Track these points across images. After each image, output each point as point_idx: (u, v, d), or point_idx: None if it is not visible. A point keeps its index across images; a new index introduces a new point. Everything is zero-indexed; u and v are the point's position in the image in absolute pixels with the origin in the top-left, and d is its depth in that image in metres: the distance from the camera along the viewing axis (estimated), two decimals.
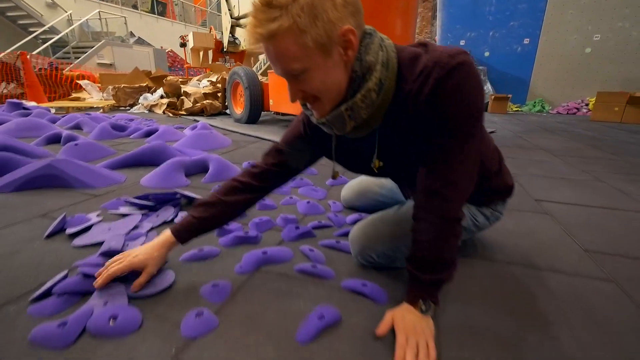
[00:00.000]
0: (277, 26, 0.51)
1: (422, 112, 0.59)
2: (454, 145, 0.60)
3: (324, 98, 0.60)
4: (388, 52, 0.60)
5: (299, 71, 0.56)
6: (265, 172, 0.80)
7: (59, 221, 1.04)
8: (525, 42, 6.72)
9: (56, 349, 0.59)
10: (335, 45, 0.55)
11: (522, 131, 3.83)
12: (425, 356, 0.58)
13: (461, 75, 0.56)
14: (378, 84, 0.59)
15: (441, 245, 0.64)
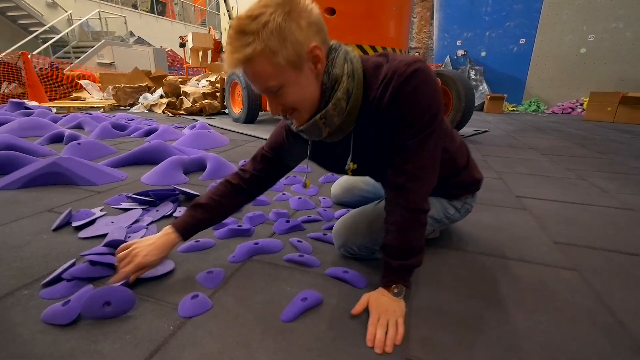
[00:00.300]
0: (252, 50, 0.58)
1: (385, 116, 0.67)
2: (415, 144, 0.68)
3: (301, 108, 0.67)
4: (353, 63, 0.67)
5: (276, 88, 0.62)
6: (253, 178, 0.87)
7: (65, 215, 1.12)
8: (521, 42, 6.79)
9: (62, 324, 0.67)
10: (305, 61, 0.62)
11: (515, 130, 3.91)
12: (394, 333, 0.66)
13: (417, 82, 0.63)
14: (346, 93, 0.66)
15: (409, 234, 0.71)
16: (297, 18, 0.59)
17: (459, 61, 7.41)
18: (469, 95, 2.95)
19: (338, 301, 0.77)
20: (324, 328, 0.69)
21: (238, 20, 0.59)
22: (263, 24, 0.57)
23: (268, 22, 0.57)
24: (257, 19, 0.57)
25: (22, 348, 0.62)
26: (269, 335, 0.66)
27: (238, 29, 0.59)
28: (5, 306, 0.73)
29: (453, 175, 0.87)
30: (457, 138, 0.88)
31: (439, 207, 0.92)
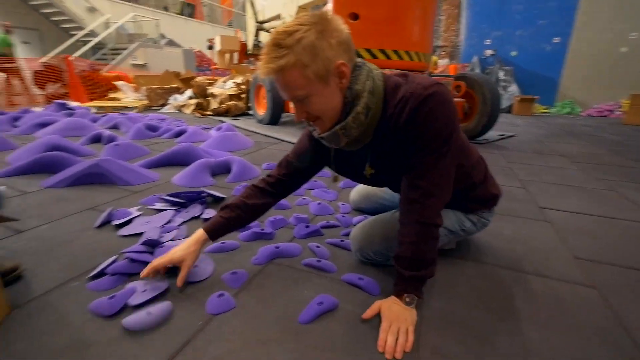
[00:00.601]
0: (285, 62, 0.65)
1: (401, 133, 0.72)
2: (429, 162, 0.72)
3: (324, 118, 0.73)
4: (375, 81, 0.72)
5: (303, 97, 0.69)
6: (278, 182, 0.94)
7: (106, 214, 1.23)
8: (555, 41, 6.49)
9: (105, 315, 0.75)
10: (332, 76, 0.68)
11: (545, 135, 3.76)
12: (404, 340, 0.69)
13: (432, 104, 0.68)
14: (365, 108, 0.71)
15: (422, 247, 0.75)
16: (329, 37, 0.66)
17: (487, 61, 7.18)
18: (494, 98, 2.89)
19: (353, 307, 0.81)
20: (338, 332, 0.74)
21: (275, 35, 0.66)
22: (297, 39, 0.64)
23: (302, 39, 0.64)
24: (292, 35, 0.64)
25: (74, 334, 0.71)
26: (287, 336, 0.72)
27: (275, 42, 0.65)
28: (58, 296, 0.83)
29: (469, 189, 0.90)
30: (474, 154, 0.90)
31: (455, 219, 0.94)
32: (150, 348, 0.67)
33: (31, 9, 9.19)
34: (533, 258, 1.07)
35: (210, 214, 1.32)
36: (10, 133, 3.01)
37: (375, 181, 0.90)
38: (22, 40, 9.44)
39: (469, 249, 1.11)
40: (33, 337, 0.70)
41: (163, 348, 0.68)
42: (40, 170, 1.80)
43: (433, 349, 0.69)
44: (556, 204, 1.56)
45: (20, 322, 0.74)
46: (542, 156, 2.65)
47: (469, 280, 0.94)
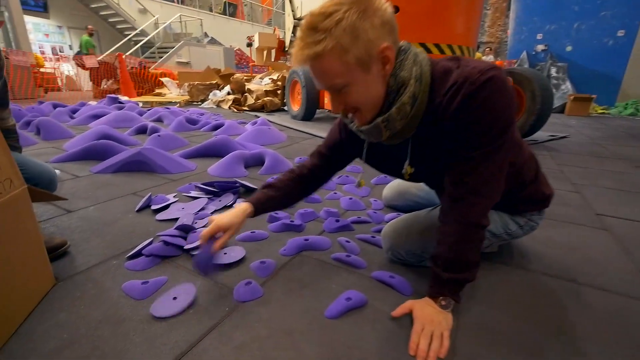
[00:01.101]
0: (322, 47, 0.58)
1: (450, 124, 0.64)
2: (480, 156, 0.64)
3: (364, 109, 0.67)
4: (422, 66, 0.64)
5: (341, 86, 0.62)
6: (310, 171, 0.91)
7: (146, 199, 1.29)
8: (619, 35, 5.85)
9: (137, 299, 0.78)
10: (375, 61, 0.61)
11: (603, 137, 3.41)
12: (438, 345, 0.64)
13: (490, 91, 0.59)
14: (412, 97, 0.64)
15: (464, 248, 0.68)
16: (372, 17, 0.58)
17: (537, 57, 6.66)
18: (546, 96, 2.66)
19: (382, 305, 0.77)
20: (366, 329, 0.70)
21: (311, 17, 0.59)
22: (336, 21, 0.57)
23: (342, 20, 0.57)
24: (330, 16, 0.57)
25: (110, 309, 0.74)
26: (313, 329, 0.70)
27: (310, 25, 0.59)
28: (99, 272, 0.88)
29: (518, 189, 0.80)
30: (525, 149, 0.81)
31: (499, 221, 0.86)
32: (178, 329, 0.68)
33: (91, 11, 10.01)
34: (589, 269, 0.96)
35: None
36: (69, 123, 3.28)
37: (414, 178, 0.83)
38: None
39: (513, 254, 1.02)
40: (73, 309, 0.74)
41: (190, 330, 0.68)
42: (91, 157, 1.94)
43: (470, 358, 0.63)
44: (616, 212, 1.39)
45: (64, 294, 0.79)
46: (599, 159, 2.40)
47: (513, 287, 0.86)
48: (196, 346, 0.64)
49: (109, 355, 0.62)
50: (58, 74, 7.94)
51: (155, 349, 0.63)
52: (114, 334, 0.67)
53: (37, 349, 0.63)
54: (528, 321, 0.74)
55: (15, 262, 0.69)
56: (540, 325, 0.73)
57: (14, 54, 5.76)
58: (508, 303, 0.80)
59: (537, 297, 0.83)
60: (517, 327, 0.72)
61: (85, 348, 0.63)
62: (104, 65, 6.55)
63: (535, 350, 0.66)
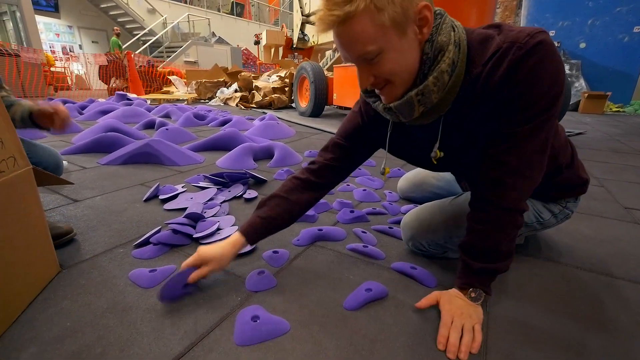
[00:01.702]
0: (354, 7, 0.50)
1: (493, 96, 0.56)
2: (524, 132, 0.57)
3: (397, 81, 0.58)
4: (459, 32, 0.57)
5: (374, 54, 0.54)
6: (324, 168, 0.78)
7: (154, 189, 1.26)
8: (635, 31, 5.69)
9: (144, 287, 0.73)
10: (411, 23, 0.53)
11: (621, 134, 3.30)
12: (470, 339, 0.59)
13: (540, 56, 0.52)
14: (451, 65, 0.56)
15: (498, 235, 0.62)
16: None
17: None
18: None
19: (405, 297, 0.72)
20: (388, 322, 0.65)
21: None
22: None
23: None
24: None
25: (116, 297, 0.70)
26: (331, 320, 0.65)
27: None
28: (106, 259, 0.84)
29: (555, 173, 0.73)
30: (562, 132, 0.74)
31: (532, 209, 0.79)
32: (187, 319, 0.64)
33: (101, 11, 10.12)
34: (623, 262, 0.89)
35: (251, 194, 1.29)
36: (78, 119, 3.29)
37: (442, 167, 0.74)
38: (92, 40, 10.45)
39: (541, 247, 0.95)
40: (78, 296, 0.70)
41: (200, 321, 0.64)
42: (99, 150, 1.92)
43: (505, 354, 0.58)
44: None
45: (68, 282, 0.75)
46: (621, 155, 2.30)
47: (544, 280, 0.80)
48: (207, 337, 0.60)
49: (115, 344, 0.58)
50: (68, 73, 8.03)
51: (163, 339, 0.59)
52: (120, 323, 0.63)
53: (38, 337, 0.59)
54: (563, 316, 0.68)
55: (18, 246, 0.65)
56: (577, 320, 0.67)
57: (25, 52, 5.83)
58: (540, 297, 0.74)
59: (570, 290, 0.77)
60: (552, 322, 0.66)
61: (89, 337, 0.59)
62: (113, 63, 6.59)
63: (575, 347, 0.60)
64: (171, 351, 0.56)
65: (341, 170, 0.80)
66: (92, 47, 10.31)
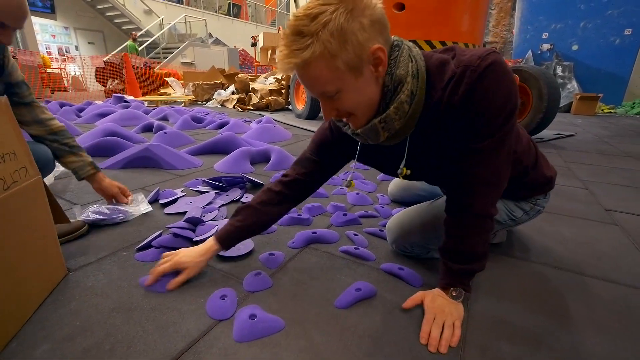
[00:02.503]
0: (310, 54, 0.53)
1: (455, 117, 0.61)
2: (488, 146, 0.62)
3: (358, 113, 0.62)
4: (417, 61, 0.61)
5: (333, 92, 0.58)
6: (295, 181, 0.82)
7: (154, 193, 1.30)
8: (626, 33, 5.80)
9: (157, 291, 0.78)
10: (366, 64, 0.56)
11: (610, 136, 3.38)
12: (450, 334, 0.64)
13: (493, 76, 0.57)
14: (410, 95, 0.60)
15: (473, 239, 0.68)
16: (360, 16, 0.53)
17: (543, 56, 6.62)
18: (552, 94, 2.64)
19: (392, 296, 0.77)
20: (376, 319, 0.70)
21: (295, 20, 0.54)
22: (323, 24, 0.51)
23: (328, 22, 0.51)
24: (316, 19, 0.52)
25: (122, 297, 0.75)
26: (323, 318, 0.70)
27: (295, 29, 0.53)
28: (110, 262, 0.89)
29: (521, 176, 0.80)
30: (524, 136, 0.80)
31: (503, 208, 0.85)
32: (189, 318, 0.69)
33: (97, 12, 10.11)
34: (600, 262, 0.95)
35: (249, 198, 1.34)
36: (75, 122, 3.31)
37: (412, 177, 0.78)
38: (88, 41, 10.43)
39: (521, 247, 1.01)
40: (86, 297, 0.75)
41: (201, 319, 0.69)
42: (98, 154, 1.95)
43: (482, 347, 0.63)
44: (626, 207, 1.38)
45: (76, 284, 0.79)
46: (608, 157, 2.38)
47: (522, 279, 0.86)
48: (207, 334, 0.65)
49: (122, 342, 0.62)
50: (64, 74, 8.02)
51: (167, 336, 0.64)
52: (126, 322, 0.67)
53: (50, 335, 0.64)
54: (537, 312, 0.74)
55: (28, 250, 0.70)
56: (548, 315, 0.72)
57: (22, 54, 5.83)
58: (517, 294, 0.79)
59: (545, 289, 0.82)
60: (526, 318, 0.71)
61: (98, 335, 0.64)
62: (110, 65, 6.60)
63: (544, 339, 0.66)
64: (175, 347, 0.61)
65: (313, 184, 0.85)
66: (88, 48, 10.30)
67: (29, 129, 0.99)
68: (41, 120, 1.01)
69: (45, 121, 1.02)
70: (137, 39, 8.91)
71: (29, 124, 0.99)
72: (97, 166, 1.10)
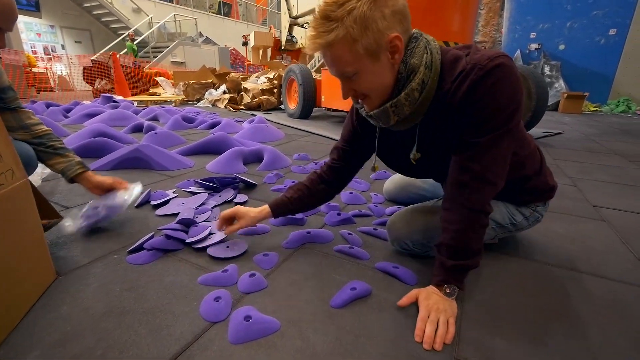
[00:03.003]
0: (334, 36, 0.60)
1: (458, 110, 0.65)
2: (485, 143, 0.65)
3: (372, 95, 0.69)
4: (433, 54, 0.66)
5: (351, 74, 0.64)
6: (331, 169, 0.92)
7: (145, 195, 1.28)
8: (610, 33, 5.93)
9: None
10: (384, 51, 0.62)
11: (597, 134, 3.46)
12: (444, 332, 0.64)
13: (498, 77, 0.61)
14: (420, 84, 0.65)
15: (468, 234, 0.68)
16: (383, 6, 0.59)
17: (531, 56, 6.73)
18: (541, 93, 2.69)
19: (387, 294, 0.77)
20: (371, 318, 0.70)
21: (325, 5, 0.61)
22: (348, 11, 0.58)
23: (353, 10, 0.58)
24: (343, 6, 0.59)
25: (113, 301, 0.73)
26: (318, 318, 0.70)
27: (323, 14, 0.60)
28: (101, 265, 0.87)
29: (523, 180, 0.82)
30: (531, 142, 0.82)
31: (505, 211, 0.86)
32: (183, 320, 0.68)
33: (84, 10, 9.91)
34: (589, 258, 0.97)
35: (242, 198, 1.33)
36: (63, 122, 3.24)
37: (420, 168, 0.82)
38: (75, 40, 10.23)
39: (514, 245, 1.03)
40: (76, 302, 0.73)
41: (195, 322, 0.68)
42: (87, 155, 1.92)
43: (476, 343, 0.64)
44: (613, 204, 1.41)
45: (65, 288, 0.78)
46: (595, 154, 2.43)
47: (515, 276, 0.87)
48: (202, 336, 0.64)
49: (114, 347, 0.61)
50: (50, 74, 7.84)
51: (161, 340, 0.63)
52: (118, 326, 0.66)
53: (40, 341, 0.62)
54: (530, 308, 0.75)
55: (16, 255, 0.68)
56: (542, 311, 0.74)
57: (6, 53, 5.68)
58: (510, 291, 0.81)
59: (538, 284, 0.84)
60: (519, 314, 0.72)
61: (89, 340, 0.62)
62: (98, 64, 6.48)
63: (538, 335, 0.67)
64: (169, 351, 0.60)
65: (345, 169, 0.93)
66: (75, 47, 10.09)
67: (14, 135, 0.97)
68: (27, 125, 0.99)
69: (31, 126, 1.00)
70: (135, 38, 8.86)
71: (15, 130, 0.97)
72: (85, 165, 1.07)
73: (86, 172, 1.07)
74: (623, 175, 1.86)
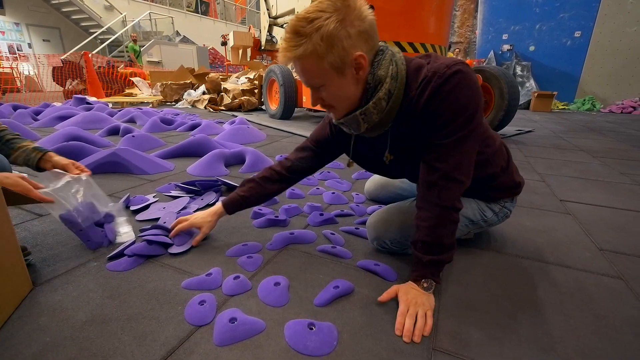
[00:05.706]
0: (302, 51, 0.64)
1: (422, 115, 0.70)
2: (449, 144, 0.70)
3: (338, 106, 0.74)
4: (398, 65, 0.70)
5: (318, 85, 0.70)
6: (294, 165, 0.96)
7: (124, 200, 1.25)
8: (576, 35, 6.27)
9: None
10: (349, 67, 0.67)
11: (564, 131, 3.65)
12: (423, 325, 0.68)
13: (455, 83, 0.66)
14: (387, 93, 0.70)
15: (440, 230, 0.73)
16: (349, 26, 0.63)
17: (504, 56, 7.01)
18: (512, 92, 2.81)
19: (369, 291, 0.80)
20: (354, 314, 0.73)
21: (295, 21, 0.65)
22: (316, 28, 0.62)
23: (321, 28, 0.62)
24: (312, 23, 0.63)
25: (94, 309, 0.72)
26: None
27: (294, 29, 0.64)
28: (80, 274, 0.85)
29: (491, 177, 0.87)
30: (496, 140, 0.87)
31: (476, 208, 0.91)
32: (167, 326, 0.68)
33: (52, 7, 9.46)
34: (555, 249, 1.04)
35: None
36: (32, 125, 3.10)
37: (394, 169, 0.88)
38: (43, 39, 9.75)
39: (487, 240, 1.08)
40: (55, 312, 0.71)
41: (180, 326, 0.68)
42: None
43: (452, 334, 0.68)
44: (578, 197, 1.51)
45: (43, 298, 0.76)
46: (562, 151, 2.57)
47: (487, 269, 0.92)
48: (187, 341, 0.64)
49: (98, 355, 0.61)
50: (16, 74, 7.45)
51: (146, 346, 0.63)
52: (100, 335, 0.65)
53: (18, 354, 0.61)
54: (501, 298, 0.79)
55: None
56: (512, 301, 0.79)
57: None
58: (483, 283, 0.85)
59: (509, 276, 0.89)
60: (492, 304, 0.77)
61: (71, 350, 0.62)
62: (69, 64, 6.21)
63: (507, 321, 0.72)
64: (154, 356, 0.60)
65: (310, 169, 0.99)
66: (43, 45, 9.62)
67: None
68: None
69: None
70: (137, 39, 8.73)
71: None
72: (41, 147, 0.99)
73: (46, 154, 0.98)
74: (587, 171, 1.98)
